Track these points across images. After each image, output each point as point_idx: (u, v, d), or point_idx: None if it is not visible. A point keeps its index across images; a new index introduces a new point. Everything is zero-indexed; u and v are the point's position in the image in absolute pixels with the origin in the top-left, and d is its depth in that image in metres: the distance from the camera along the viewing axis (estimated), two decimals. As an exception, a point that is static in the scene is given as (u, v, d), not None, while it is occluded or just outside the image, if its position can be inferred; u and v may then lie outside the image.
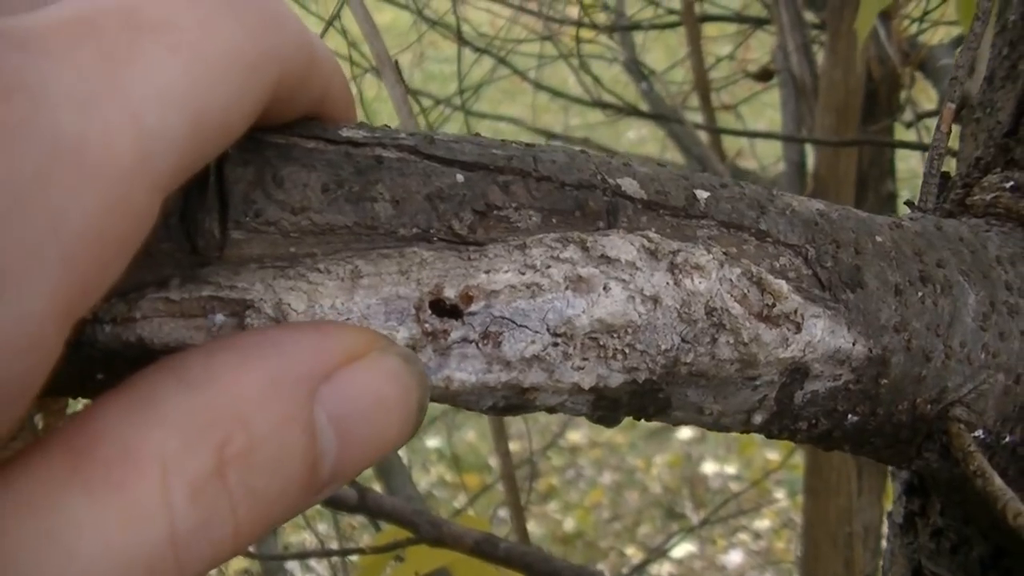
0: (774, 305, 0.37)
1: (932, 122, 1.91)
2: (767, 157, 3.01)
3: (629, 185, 0.36)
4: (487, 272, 0.33)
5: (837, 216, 0.41)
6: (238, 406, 0.25)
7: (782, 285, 0.37)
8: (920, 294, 0.41)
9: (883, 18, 1.88)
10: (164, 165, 0.23)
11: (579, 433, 4.03)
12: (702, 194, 0.37)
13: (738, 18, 2.75)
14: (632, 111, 2.31)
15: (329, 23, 2.05)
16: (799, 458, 2.37)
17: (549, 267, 0.33)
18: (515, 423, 3.02)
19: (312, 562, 2.88)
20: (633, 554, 3.46)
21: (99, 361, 0.30)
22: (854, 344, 0.39)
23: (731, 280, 0.36)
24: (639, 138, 4.87)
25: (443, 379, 0.33)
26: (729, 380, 0.37)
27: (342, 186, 0.31)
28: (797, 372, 0.38)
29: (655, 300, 0.35)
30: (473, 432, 3.90)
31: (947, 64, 1.65)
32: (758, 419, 0.40)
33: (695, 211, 0.37)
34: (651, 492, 3.85)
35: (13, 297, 0.20)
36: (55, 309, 0.21)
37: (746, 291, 0.36)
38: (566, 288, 0.34)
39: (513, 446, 3.32)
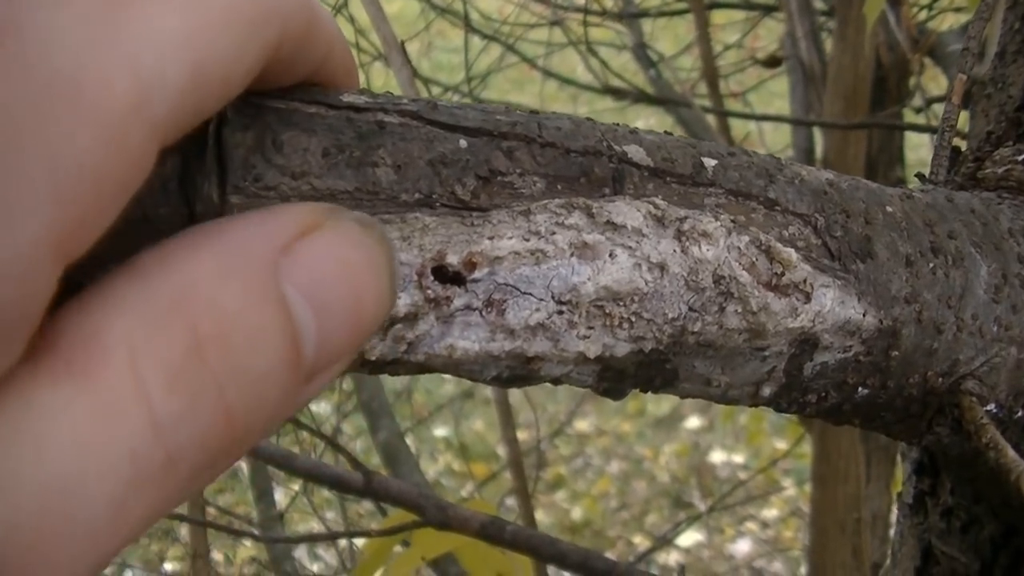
0: (783, 274, 0.36)
1: (942, 107, 1.90)
2: (776, 145, 3.00)
3: (635, 152, 0.35)
4: (491, 238, 0.32)
5: (847, 186, 0.40)
6: (200, 286, 0.24)
7: (791, 254, 0.36)
8: (931, 265, 0.40)
9: (892, 4, 1.87)
10: (161, 111, 0.23)
11: (587, 422, 4.04)
12: (710, 162, 0.37)
13: (747, 5, 2.73)
14: (640, 95, 2.30)
15: (337, 11, 2.05)
16: (807, 447, 2.36)
17: (554, 233, 0.33)
18: (523, 411, 3.02)
19: (320, 550, 2.89)
20: (641, 543, 3.46)
21: None
22: (864, 315, 0.38)
23: (739, 248, 0.36)
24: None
25: (446, 347, 0.32)
26: (737, 351, 0.37)
27: (343, 151, 0.31)
28: (806, 343, 0.38)
29: (662, 267, 0.34)
30: (481, 421, 3.90)
31: (957, 50, 1.65)
32: (767, 391, 0.39)
33: (702, 179, 0.36)
34: (659, 481, 3.85)
35: (6, 225, 0.21)
36: (48, 241, 0.21)
37: (754, 259, 0.36)
38: (571, 255, 0.33)
39: (521, 435, 3.32)
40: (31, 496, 0.21)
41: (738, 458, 3.83)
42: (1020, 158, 0.48)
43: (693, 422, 4.03)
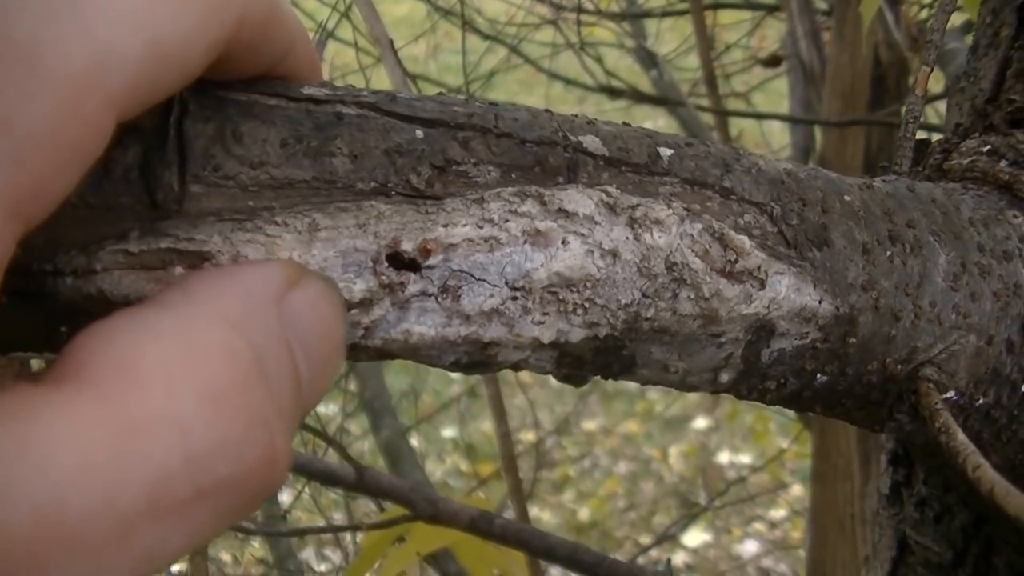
0: (736, 261, 0.37)
1: (940, 106, 1.91)
2: (780, 145, 3.00)
3: (591, 142, 0.36)
4: (445, 226, 0.33)
5: (805, 175, 0.41)
6: (232, 320, 0.25)
7: (744, 241, 0.37)
8: (888, 253, 0.41)
9: (891, 3, 1.87)
10: (119, 80, 0.24)
11: (594, 422, 4.04)
12: (666, 152, 0.37)
13: (749, 5, 2.73)
14: (635, 95, 2.31)
15: (343, 14, 2.06)
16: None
17: (507, 221, 0.34)
18: (528, 412, 3.03)
19: (327, 551, 2.91)
20: (648, 544, 3.46)
21: (62, 314, 0.30)
22: (820, 302, 0.39)
23: (692, 235, 0.36)
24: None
25: (402, 332, 0.33)
26: (693, 337, 0.38)
27: (301, 141, 0.32)
28: (763, 330, 0.39)
29: (614, 254, 0.35)
30: (488, 422, 3.90)
31: (955, 48, 1.65)
32: (725, 378, 0.40)
33: (658, 168, 0.37)
34: (667, 482, 3.85)
35: None
36: (4, 203, 0.22)
37: (708, 246, 0.36)
38: (524, 242, 0.34)
39: (529, 436, 3.32)
40: (27, 511, 0.21)
41: (745, 459, 3.82)
42: (985, 149, 0.49)
43: (701, 423, 4.03)
